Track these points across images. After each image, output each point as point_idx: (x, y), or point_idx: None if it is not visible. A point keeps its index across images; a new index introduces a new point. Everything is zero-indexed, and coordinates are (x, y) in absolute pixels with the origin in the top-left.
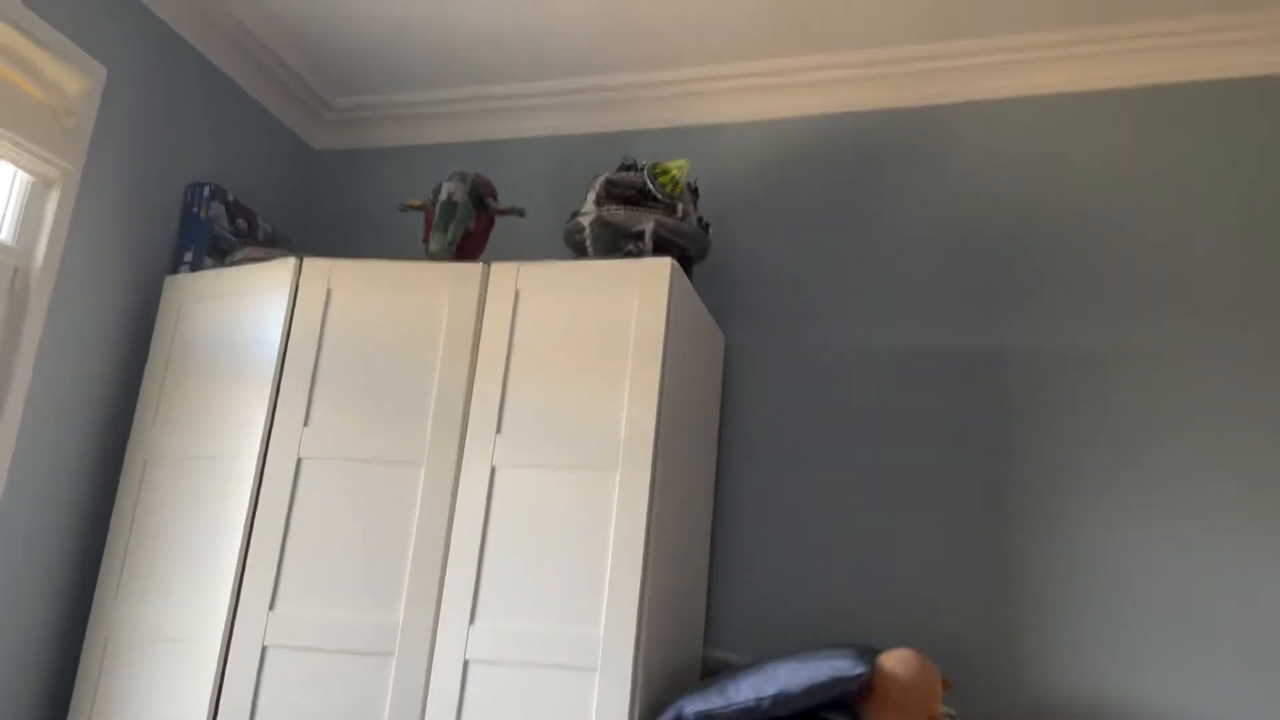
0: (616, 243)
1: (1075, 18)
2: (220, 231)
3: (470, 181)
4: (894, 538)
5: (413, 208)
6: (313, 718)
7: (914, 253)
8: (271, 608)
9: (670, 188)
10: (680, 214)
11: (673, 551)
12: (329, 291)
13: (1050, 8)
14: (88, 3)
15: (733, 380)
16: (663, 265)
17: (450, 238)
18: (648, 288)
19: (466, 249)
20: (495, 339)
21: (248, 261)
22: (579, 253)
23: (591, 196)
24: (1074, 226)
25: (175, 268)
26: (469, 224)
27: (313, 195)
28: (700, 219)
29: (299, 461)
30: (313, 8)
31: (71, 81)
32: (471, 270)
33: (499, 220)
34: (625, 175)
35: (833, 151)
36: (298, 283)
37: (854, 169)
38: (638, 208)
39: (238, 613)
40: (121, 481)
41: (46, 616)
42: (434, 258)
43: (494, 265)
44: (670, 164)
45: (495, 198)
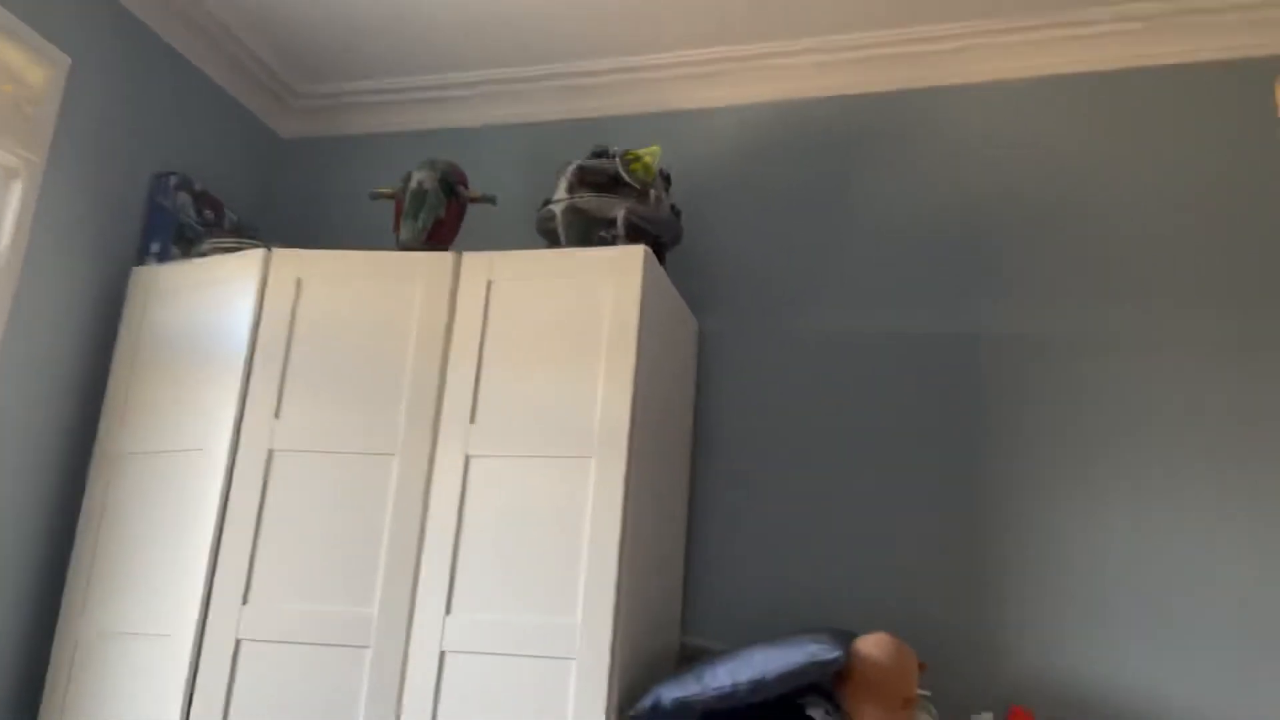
0: (589, 230)
1: (1044, 2)
2: (187, 222)
3: (441, 169)
4: (869, 522)
5: (383, 196)
6: (288, 711)
7: (887, 237)
8: (245, 602)
9: (642, 174)
10: (653, 201)
11: (648, 539)
12: (299, 282)
13: None
14: None
15: (707, 367)
16: (635, 253)
17: (421, 226)
18: (621, 276)
19: (438, 238)
20: (468, 328)
21: (215, 252)
22: (551, 241)
23: (563, 184)
24: (1046, 211)
25: (142, 259)
26: (440, 212)
27: (281, 184)
28: (673, 206)
29: (270, 454)
30: None
31: (34, 71)
32: (443, 259)
33: (470, 208)
34: (597, 162)
35: (805, 137)
36: (266, 273)
37: (826, 154)
38: (610, 195)
39: (210, 607)
40: (90, 477)
41: (14, 616)
42: (405, 247)
43: (466, 254)
44: (642, 151)
45: (466, 185)
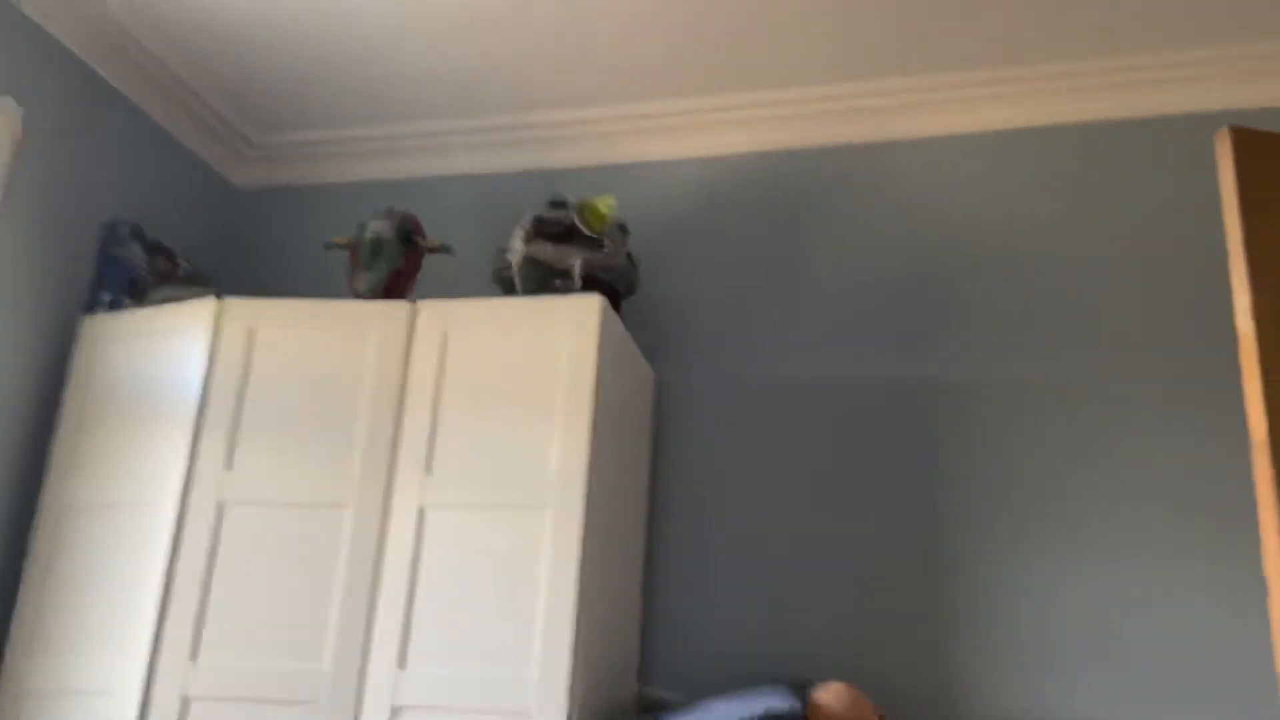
0: (545, 280)
1: (990, 58)
2: (139, 271)
3: (398, 219)
4: (825, 571)
5: (338, 246)
6: None
7: (839, 287)
8: (193, 658)
9: (598, 225)
10: (609, 251)
11: (606, 589)
12: (251, 331)
13: (965, 49)
14: (3, 40)
15: (664, 415)
16: (591, 302)
17: (377, 276)
18: (577, 325)
19: (394, 288)
20: (423, 378)
21: (167, 301)
22: (508, 290)
23: (520, 234)
24: (994, 263)
25: (92, 308)
26: (397, 262)
27: (235, 233)
28: (629, 255)
29: (221, 505)
30: (234, 45)
31: None
32: (398, 309)
33: (427, 258)
34: (554, 213)
35: (758, 189)
36: (219, 322)
37: (779, 206)
38: (566, 245)
39: (157, 664)
40: (35, 530)
41: None
42: (361, 296)
43: (422, 304)
44: (598, 201)
45: (423, 235)
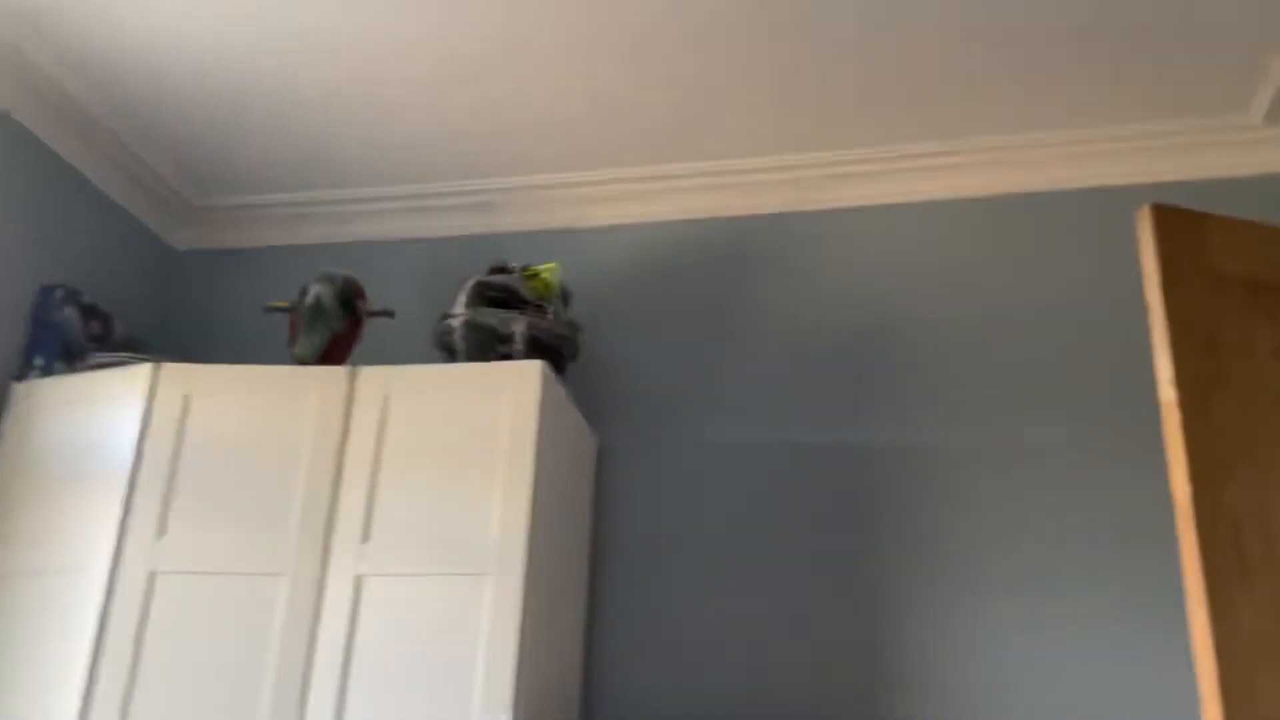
0: (488, 345)
1: (922, 131)
2: (74, 336)
3: (339, 283)
4: (767, 631)
5: (278, 310)
6: None
7: (778, 353)
8: None
9: (542, 290)
10: (551, 317)
11: (547, 656)
12: (187, 397)
13: (897, 122)
14: None
15: (605, 480)
16: (533, 368)
17: (318, 341)
18: (519, 391)
19: (334, 353)
20: (362, 445)
21: (101, 367)
22: (450, 355)
23: (462, 299)
24: (929, 330)
25: (24, 374)
26: (337, 327)
27: (174, 297)
28: (571, 321)
29: (152, 574)
30: (175, 107)
31: None
32: (338, 374)
33: (369, 323)
34: (496, 278)
35: (699, 255)
36: (154, 388)
37: (719, 272)
38: (509, 310)
39: None
40: None
41: None
42: (301, 362)
43: (362, 369)
44: (541, 267)
45: (364, 299)
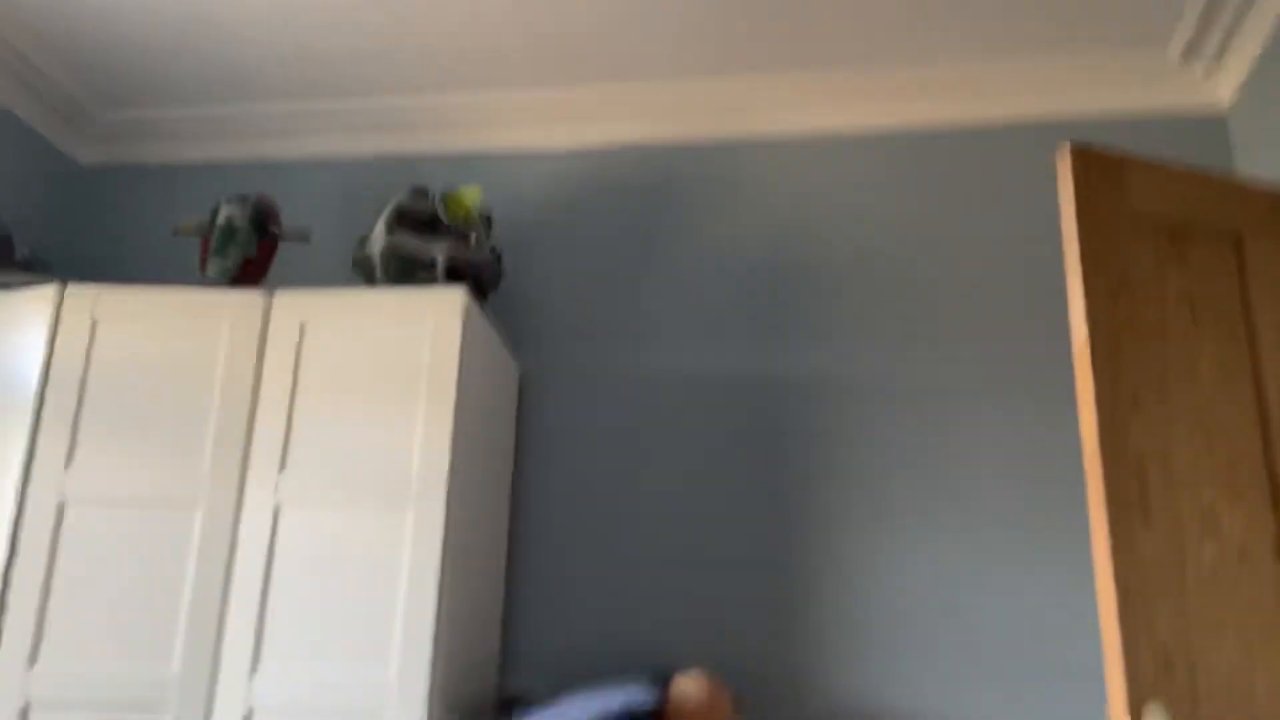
0: (408, 271)
1: (848, 59)
2: None
3: (252, 204)
4: (685, 560)
5: (188, 231)
6: None
7: (699, 282)
8: (32, 663)
9: (463, 216)
10: (473, 243)
11: (467, 587)
12: (94, 322)
13: (824, 48)
14: None
15: (526, 408)
16: (455, 295)
17: (230, 264)
18: (440, 318)
19: (247, 276)
20: (279, 371)
21: (3, 288)
22: (369, 280)
23: (382, 224)
24: (851, 261)
25: None
26: (250, 249)
27: (78, 215)
28: (493, 248)
29: (61, 505)
30: (78, 18)
31: None
32: (252, 298)
33: (282, 246)
34: (417, 203)
35: (620, 182)
36: (59, 312)
37: (643, 199)
38: (430, 236)
39: None
40: None
41: None
42: (213, 285)
43: (277, 293)
44: (462, 192)
45: (278, 222)
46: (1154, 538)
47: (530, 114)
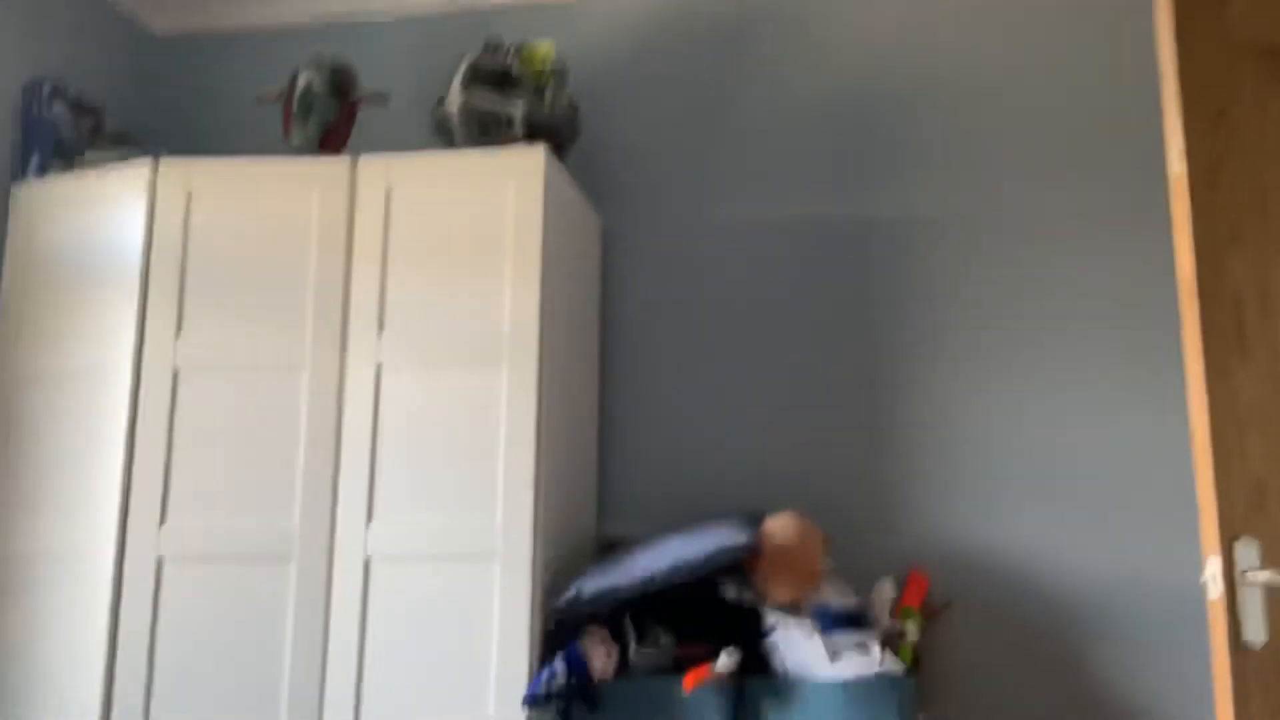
0: (487, 129)
1: None
2: (65, 132)
3: (328, 68)
4: (773, 403)
5: (269, 99)
6: (214, 628)
7: (780, 125)
8: (162, 521)
9: (538, 70)
10: (549, 98)
11: (563, 436)
12: (189, 194)
13: None
14: None
15: (611, 263)
16: (536, 153)
17: (312, 131)
18: (522, 178)
19: (330, 141)
20: (369, 236)
21: (98, 163)
22: (447, 140)
23: (457, 82)
24: (937, 94)
25: (21, 174)
26: (330, 115)
27: (160, 87)
28: (570, 101)
29: (175, 372)
30: None
31: None
32: (338, 166)
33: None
34: (491, 59)
35: (699, 24)
36: (155, 185)
37: (720, 41)
38: (506, 92)
39: (128, 527)
40: None
41: None
42: (297, 152)
43: (362, 159)
44: (536, 46)
45: (356, 85)
46: (1250, 372)
47: None
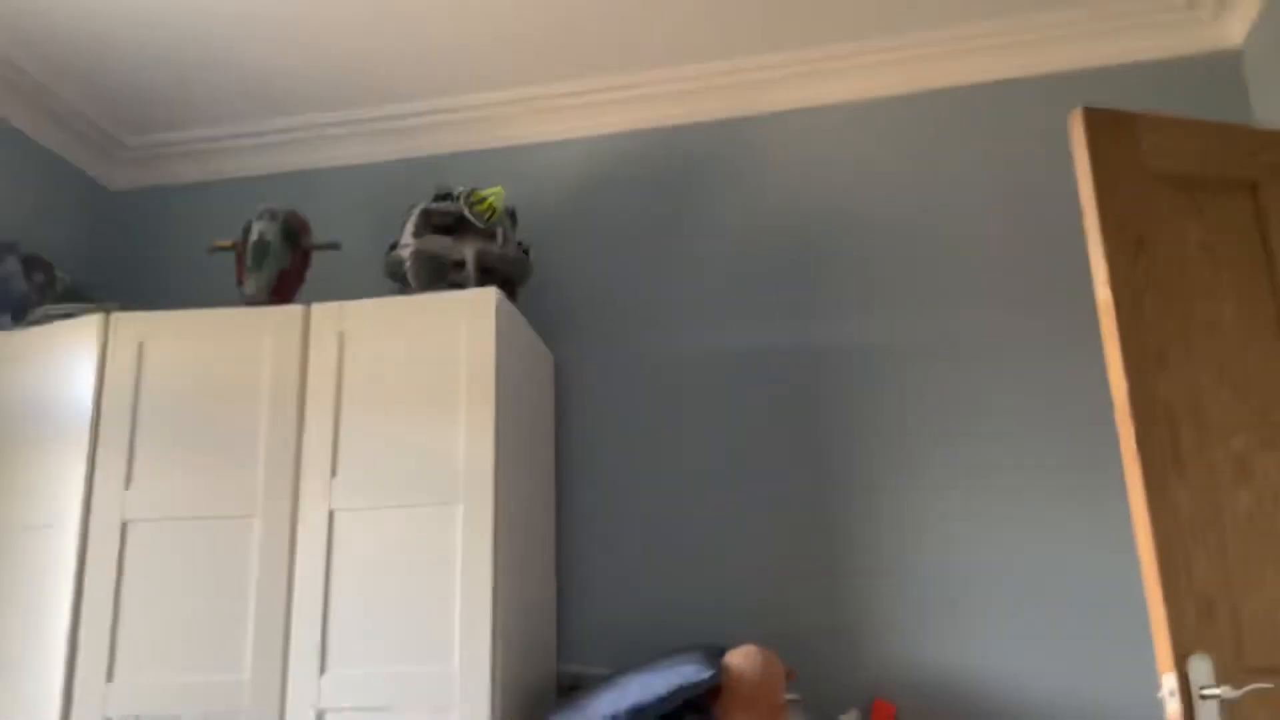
0: (439, 273)
1: (859, 30)
2: (17, 288)
3: (281, 218)
4: (731, 536)
5: (222, 249)
6: None
7: (724, 258)
8: (110, 679)
9: (488, 215)
10: (500, 240)
11: (521, 576)
12: (141, 345)
13: (832, 22)
14: None
15: (564, 396)
16: (488, 295)
17: (265, 279)
18: (474, 319)
19: (283, 288)
20: (322, 382)
21: (49, 319)
22: (401, 285)
23: (409, 228)
24: (876, 225)
25: None
26: (284, 263)
27: (113, 240)
28: (520, 243)
29: (124, 525)
30: (95, 46)
31: None
32: (291, 313)
33: (316, 255)
34: (442, 205)
35: (641, 166)
36: (106, 338)
37: (663, 181)
38: (457, 236)
39: (73, 689)
40: None
41: None
42: (250, 301)
43: (315, 306)
44: (487, 191)
45: (309, 233)
46: (1189, 488)
47: (547, 106)
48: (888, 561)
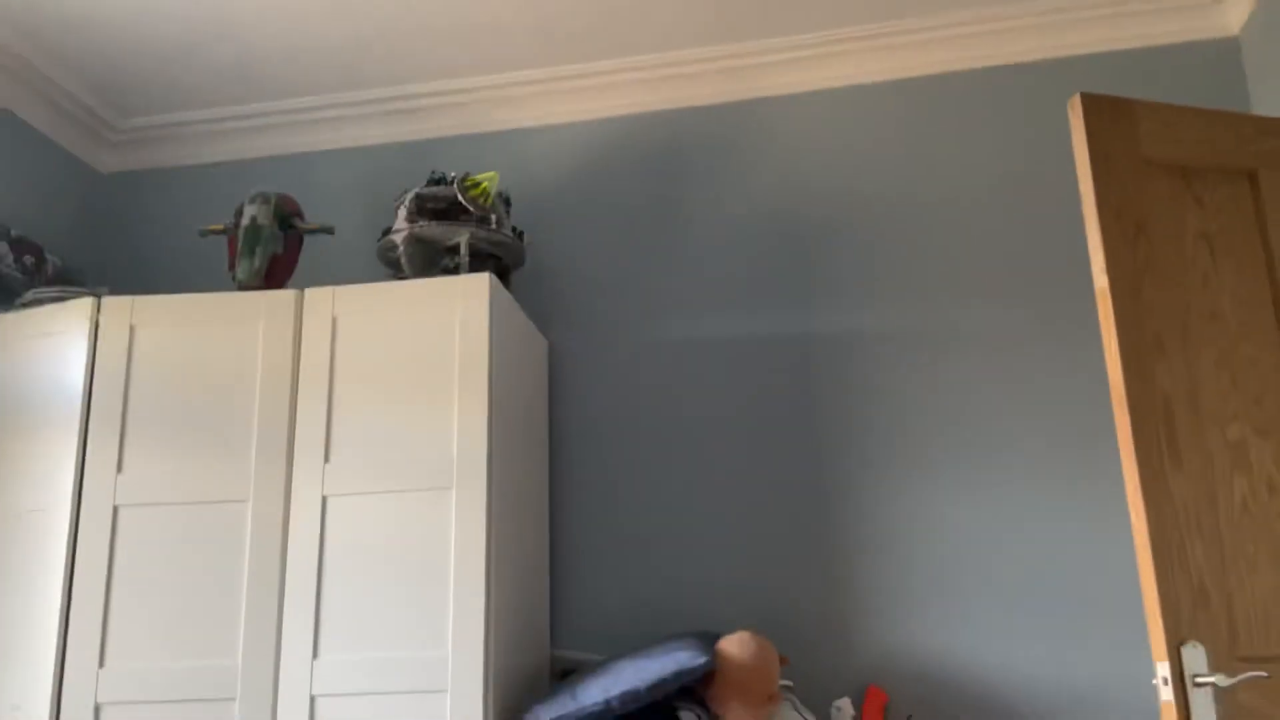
0: (432, 258)
1: (857, 14)
2: (6, 271)
3: (274, 202)
4: (722, 521)
5: (214, 233)
6: None
7: (721, 245)
8: (101, 665)
9: (482, 200)
10: (494, 225)
11: (514, 561)
12: (132, 329)
13: (830, 7)
14: None
15: (558, 382)
16: (481, 280)
17: (258, 264)
18: (468, 303)
19: (276, 272)
20: (315, 367)
21: (38, 302)
22: (395, 270)
23: (403, 213)
24: (873, 211)
25: None
26: (276, 247)
27: (104, 223)
28: (514, 227)
29: (115, 510)
30: (88, 28)
31: None
32: (284, 298)
33: (308, 238)
34: (435, 189)
35: (638, 150)
36: (97, 322)
37: (660, 166)
38: (451, 221)
39: (65, 674)
40: None
41: None
42: (243, 286)
43: (308, 291)
44: (480, 176)
45: (301, 217)
46: (1184, 477)
47: (543, 90)
48: (882, 548)
